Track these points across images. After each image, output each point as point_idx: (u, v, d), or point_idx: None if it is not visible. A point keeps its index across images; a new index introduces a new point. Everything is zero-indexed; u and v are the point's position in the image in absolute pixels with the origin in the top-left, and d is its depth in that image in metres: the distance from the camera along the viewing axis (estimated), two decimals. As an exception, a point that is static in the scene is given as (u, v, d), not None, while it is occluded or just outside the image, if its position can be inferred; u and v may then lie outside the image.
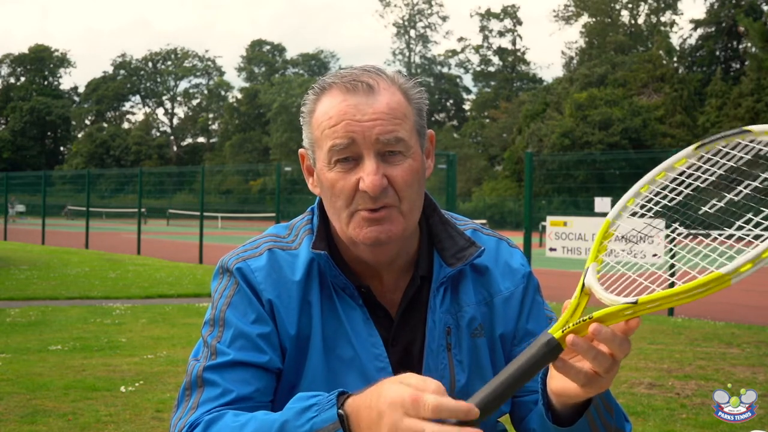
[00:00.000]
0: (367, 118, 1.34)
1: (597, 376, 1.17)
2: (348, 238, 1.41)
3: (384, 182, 1.34)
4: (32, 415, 5.19)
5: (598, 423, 1.32)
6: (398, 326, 1.47)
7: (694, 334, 9.06)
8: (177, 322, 9.34)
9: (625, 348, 1.14)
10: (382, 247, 1.40)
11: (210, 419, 1.30)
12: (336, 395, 1.19)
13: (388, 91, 1.39)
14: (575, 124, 49.31)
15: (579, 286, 1.19)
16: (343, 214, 1.39)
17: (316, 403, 1.19)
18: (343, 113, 1.35)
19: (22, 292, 11.80)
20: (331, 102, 1.38)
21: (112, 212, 37.40)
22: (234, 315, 1.41)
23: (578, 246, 10.84)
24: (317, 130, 1.39)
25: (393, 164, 1.36)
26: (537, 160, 25.94)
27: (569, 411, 1.31)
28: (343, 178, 1.36)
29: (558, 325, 1.17)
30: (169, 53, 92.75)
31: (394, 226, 1.38)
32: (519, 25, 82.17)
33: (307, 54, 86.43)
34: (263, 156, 73.10)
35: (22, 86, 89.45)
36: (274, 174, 32.16)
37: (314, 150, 1.43)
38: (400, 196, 1.37)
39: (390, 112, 1.36)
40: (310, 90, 1.45)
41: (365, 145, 1.34)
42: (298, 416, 1.19)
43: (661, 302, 1.10)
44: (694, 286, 1.06)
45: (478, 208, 44.74)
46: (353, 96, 1.36)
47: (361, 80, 1.37)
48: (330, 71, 1.47)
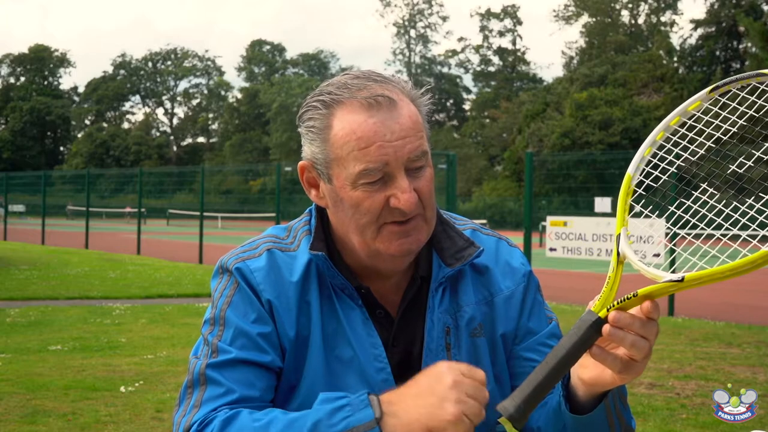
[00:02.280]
0: (396, 136, 1.33)
1: (633, 362, 1.19)
2: (371, 251, 1.40)
3: (416, 197, 1.35)
4: (32, 415, 5.19)
5: (613, 413, 1.33)
6: (398, 327, 1.47)
7: (694, 334, 9.06)
8: (177, 322, 9.34)
9: (653, 329, 1.17)
10: (408, 256, 1.41)
11: (225, 417, 1.30)
12: (366, 394, 1.23)
13: (404, 102, 1.38)
14: (575, 124, 49.32)
15: (614, 255, 1.19)
16: (369, 230, 1.37)
17: (348, 404, 1.23)
18: (373, 133, 1.32)
19: (22, 292, 11.80)
20: (353, 119, 1.34)
21: (112, 212, 37.41)
22: (234, 314, 1.41)
23: (578, 246, 10.83)
24: (340, 149, 1.35)
25: (418, 177, 1.37)
26: (537, 160, 25.94)
27: (588, 401, 1.32)
28: (370, 196, 1.35)
29: (599, 302, 1.18)
30: (169, 53, 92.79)
31: (421, 235, 1.39)
32: (519, 25, 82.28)
33: (307, 54, 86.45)
34: (263, 156, 73.09)
35: (22, 86, 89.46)
36: (274, 174, 32.16)
37: (331, 167, 1.38)
38: (425, 205, 1.38)
39: (413, 126, 1.36)
40: (314, 102, 1.39)
41: (397, 165, 1.34)
42: (330, 416, 1.22)
43: (707, 280, 1.09)
44: (743, 264, 1.06)
45: (478, 208, 44.72)
46: (377, 113, 1.33)
47: (380, 94, 1.34)
48: (328, 81, 1.42)
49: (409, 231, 1.37)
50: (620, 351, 1.19)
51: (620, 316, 1.15)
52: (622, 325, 1.15)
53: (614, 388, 1.30)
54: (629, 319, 1.15)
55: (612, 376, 1.22)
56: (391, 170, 1.33)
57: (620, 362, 1.19)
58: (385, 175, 1.34)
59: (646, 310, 1.15)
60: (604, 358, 1.19)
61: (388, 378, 1.41)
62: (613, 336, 1.15)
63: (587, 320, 1.16)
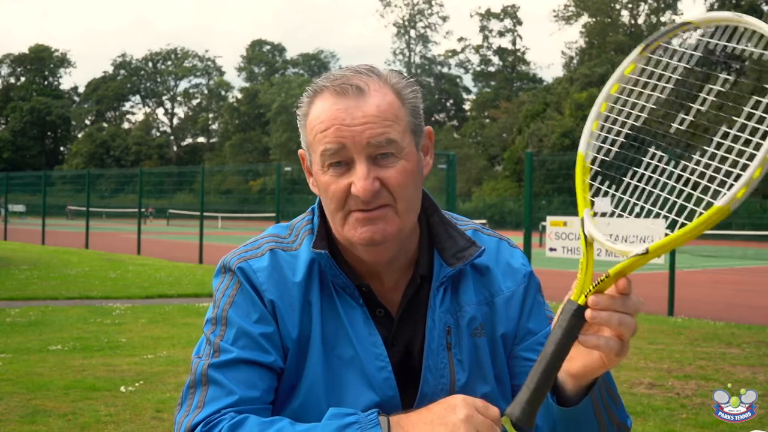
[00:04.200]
0: (357, 122, 1.35)
1: (621, 341, 1.20)
2: (345, 239, 1.42)
3: (375, 186, 1.35)
4: (32, 415, 5.20)
5: (601, 405, 1.33)
6: (399, 326, 1.47)
7: (694, 334, 9.06)
8: (177, 322, 9.34)
9: (634, 304, 1.19)
10: (378, 247, 1.39)
11: (233, 423, 1.30)
12: (376, 414, 1.24)
13: (379, 92, 1.38)
14: (575, 124, 49.32)
15: (582, 238, 1.21)
16: (337, 216, 1.39)
17: (357, 422, 1.24)
18: (333, 118, 1.36)
19: (22, 292, 11.80)
20: (322, 106, 1.38)
21: (112, 212, 37.40)
22: (237, 314, 1.41)
23: (578, 246, 10.82)
24: (310, 134, 1.40)
25: (386, 166, 1.36)
26: (537, 160, 25.91)
27: (576, 395, 1.33)
28: (335, 181, 1.37)
29: (577, 290, 1.19)
30: (169, 53, 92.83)
31: (389, 226, 1.38)
32: (519, 25, 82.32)
33: (307, 54, 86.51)
34: (263, 156, 73.10)
35: (22, 86, 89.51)
36: (274, 174, 32.17)
37: (310, 153, 1.44)
38: (395, 197, 1.37)
39: (380, 115, 1.36)
40: (305, 92, 1.45)
41: (356, 149, 1.35)
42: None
43: (670, 246, 1.11)
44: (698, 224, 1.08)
45: (478, 208, 44.71)
46: (343, 100, 1.36)
47: (351, 83, 1.37)
48: (328, 72, 1.48)
49: (373, 219, 1.36)
50: (607, 332, 1.20)
51: (599, 299, 1.16)
52: (602, 307, 1.16)
53: (600, 382, 1.31)
54: (608, 299, 1.16)
55: (600, 361, 1.24)
56: (351, 155, 1.35)
57: (612, 343, 1.19)
58: (347, 160, 1.36)
59: (621, 287, 1.17)
60: (597, 343, 1.19)
61: (389, 377, 1.41)
62: (597, 318, 1.16)
63: (569, 310, 1.17)
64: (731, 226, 24.79)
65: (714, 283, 15.81)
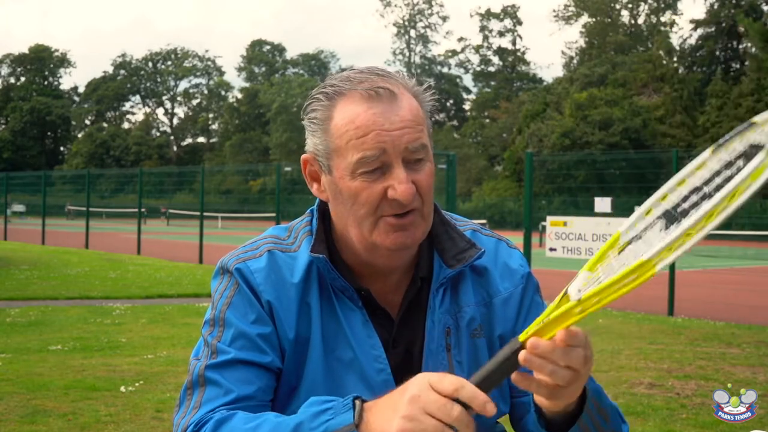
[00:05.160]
0: (395, 126, 1.33)
1: (559, 387, 1.15)
2: (368, 244, 1.40)
3: (414, 189, 1.35)
4: (32, 415, 5.19)
5: (591, 425, 1.31)
6: (399, 328, 1.47)
7: (694, 334, 9.06)
8: (177, 322, 9.34)
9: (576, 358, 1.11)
10: (403, 251, 1.40)
11: (220, 418, 1.30)
12: (351, 399, 1.20)
13: (406, 96, 1.39)
14: (575, 124, 49.32)
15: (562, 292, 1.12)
16: (366, 222, 1.37)
17: (332, 407, 1.21)
18: (371, 123, 1.33)
19: (22, 292, 11.79)
20: (353, 110, 1.35)
21: (112, 212, 37.41)
22: (234, 315, 1.41)
23: (578, 246, 10.83)
24: (339, 139, 1.36)
25: (417, 170, 1.36)
26: (537, 160, 25.94)
27: (561, 418, 1.30)
28: (368, 187, 1.34)
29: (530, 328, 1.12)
30: (169, 53, 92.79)
31: (417, 232, 1.38)
32: (519, 25, 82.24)
33: (307, 54, 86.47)
34: (263, 156, 73.09)
35: (22, 86, 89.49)
36: (274, 174, 32.18)
37: (331, 158, 1.39)
38: (424, 200, 1.38)
39: (414, 119, 1.36)
40: (317, 94, 1.41)
41: (395, 154, 1.33)
42: (313, 419, 1.21)
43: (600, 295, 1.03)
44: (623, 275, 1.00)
45: (478, 208, 44.72)
46: (378, 104, 1.34)
47: (381, 86, 1.36)
48: (333, 74, 1.45)
49: (406, 225, 1.36)
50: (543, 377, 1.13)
51: (539, 344, 1.09)
52: (540, 354, 1.09)
53: (589, 404, 1.28)
54: (549, 346, 1.09)
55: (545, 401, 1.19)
56: (389, 160, 1.34)
57: (544, 389, 1.14)
58: (383, 165, 1.34)
59: (559, 339, 1.09)
60: (528, 384, 1.15)
61: (388, 379, 1.41)
62: (529, 363, 1.09)
63: (512, 347, 1.10)
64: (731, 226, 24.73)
65: (714, 283, 15.81)
